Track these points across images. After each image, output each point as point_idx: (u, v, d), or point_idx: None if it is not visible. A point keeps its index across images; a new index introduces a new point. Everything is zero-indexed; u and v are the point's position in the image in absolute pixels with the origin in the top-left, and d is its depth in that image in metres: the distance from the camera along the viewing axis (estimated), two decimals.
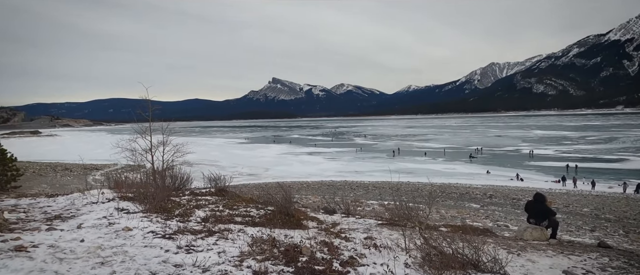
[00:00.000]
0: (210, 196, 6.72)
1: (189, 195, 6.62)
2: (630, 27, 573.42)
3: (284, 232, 4.53)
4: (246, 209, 5.82)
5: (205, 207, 5.76)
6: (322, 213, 6.46)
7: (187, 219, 5.00)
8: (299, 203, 7.63)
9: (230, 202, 6.17)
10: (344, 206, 6.36)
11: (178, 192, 7.03)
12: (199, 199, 6.26)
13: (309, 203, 10.75)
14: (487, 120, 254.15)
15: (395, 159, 63.34)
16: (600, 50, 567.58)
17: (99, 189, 6.57)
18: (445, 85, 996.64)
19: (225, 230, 4.56)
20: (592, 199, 26.41)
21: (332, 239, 4.44)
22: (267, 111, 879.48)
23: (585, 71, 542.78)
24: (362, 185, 27.59)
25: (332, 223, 5.61)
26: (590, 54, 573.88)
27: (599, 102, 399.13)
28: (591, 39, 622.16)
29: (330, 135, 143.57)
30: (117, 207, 5.37)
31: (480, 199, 21.33)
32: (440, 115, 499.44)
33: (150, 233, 4.42)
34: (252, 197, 6.49)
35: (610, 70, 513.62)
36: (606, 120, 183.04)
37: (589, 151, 64.07)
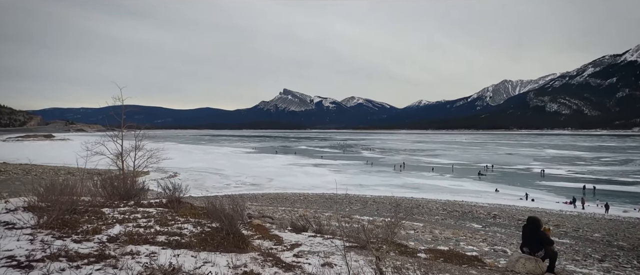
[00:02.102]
0: (154, 208, 6.05)
1: (129, 206, 5.96)
2: None
3: (211, 258, 3.84)
4: (181, 225, 5.10)
5: (132, 222, 5.07)
6: (289, 231, 5.80)
7: (89, 237, 4.15)
8: (273, 218, 7.03)
9: (169, 216, 5.50)
10: (316, 223, 5.70)
11: (121, 201, 6.40)
12: (135, 211, 5.59)
13: (284, 218, 10.12)
14: (499, 138, 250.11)
15: (401, 173, 62.19)
16: (616, 70, 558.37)
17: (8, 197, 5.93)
18: (457, 101, 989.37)
19: (127, 255, 3.79)
20: (605, 223, 25.03)
21: (267, 268, 3.73)
22: (277, 122, 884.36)
23: (600, 91, 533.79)
24: (361, 200, 26.74)
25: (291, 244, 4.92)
26: (606, 74, 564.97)
27: (615, 123, 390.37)
28: (607, 59, 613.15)
29: (338, 147, 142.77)
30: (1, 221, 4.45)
31: (484, 219, 20.29)
32: (450, 131, 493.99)
33: (5, 259, 3.39)
34: (203, 211, 5.78)
35: (626, 91, 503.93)
36: (622, 142, 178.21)
37: (603, 173, 61.90)
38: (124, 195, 6.68)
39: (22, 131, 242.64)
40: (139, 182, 9.30)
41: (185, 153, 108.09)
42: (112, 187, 6.84)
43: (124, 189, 6.78)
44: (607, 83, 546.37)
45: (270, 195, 31.51)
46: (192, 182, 49.24)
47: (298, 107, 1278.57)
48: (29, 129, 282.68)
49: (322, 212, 15.82)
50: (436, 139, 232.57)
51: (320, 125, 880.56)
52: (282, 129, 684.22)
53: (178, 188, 7.19)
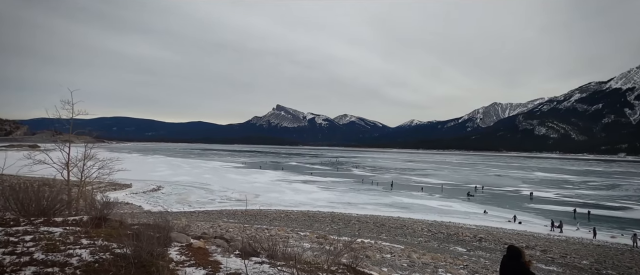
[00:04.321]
0: (63, 227, 5.20)
1: (30, 225, 5.10)
2: (631, 76, 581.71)
3: None
4: (75, 252, 4.21)
5: (10, 246, 4.24)
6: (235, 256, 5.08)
7: None
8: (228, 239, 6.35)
9: (72, 238, 4.68)
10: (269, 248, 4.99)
11: (27, 218, 5.53)
12: (32, 231, 4.72)
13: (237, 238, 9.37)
14: (488, 159, 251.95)
15: (391, 192, 61.51)
16: (601, 97, 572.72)
17: None
18: (448, 122, 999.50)
19: None
20: (593, 249, 24.54)
21: None
22: (270, 137, 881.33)
23: (586, 116, 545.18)
24: (345, 219, 25.91)
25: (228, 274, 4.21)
26: (592, 100, 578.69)
27: (601, 148, 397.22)
28: (593, 85, 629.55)
29: (329, 164, 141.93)
30: None
31: (469, 242, 19.63)
32: (441, 151, 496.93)
33: None
34: (130, 232, 4.96)
35: (611, 117, 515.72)
36: (608, 167, 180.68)
37: (590, 197, 62.01)
38: (34, 211, 5.76)
39: (7, 141, 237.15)
40: (107, 197, 8.42)
41: (173, 166, 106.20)
42: (16, 200, 5.83)
43: (35, 203, 5.82)
44: (593, 109, 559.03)
45: (252, 212, 30.50)
46: (175, 197, 47.96)
47: (291, 123, 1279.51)
48: (14, 138, 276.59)
49: (298, 231, 15.05)
50: (427, 159, 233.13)
51: (313, 142, 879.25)
52: (274, 145, 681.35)
53: (109, 203, 6.35)
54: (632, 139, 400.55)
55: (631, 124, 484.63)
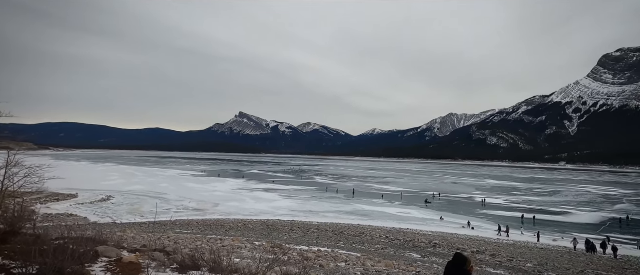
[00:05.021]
0: None
1: None
2: (569, 91, 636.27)
3: None
4: None
5: None
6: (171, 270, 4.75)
7: None
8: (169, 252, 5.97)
9: None
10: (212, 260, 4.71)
11: None
12: None
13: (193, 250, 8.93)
14: (445, 167, 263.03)
15: (352, 200, 62.14)
16: (545, 110, 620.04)
17: None
18: (408, 131, 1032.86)
19: None
20: (537, 252, 26.15)
21: None
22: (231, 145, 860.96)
23: (532, 128, 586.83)
24: (305, 227, 25.73)
25: None
26: (537, 113, 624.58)
27: (545, 157, 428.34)
28: (537, 99, 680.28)
29: (292, 172, 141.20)
30: None
31: (424, 248, 20.19)
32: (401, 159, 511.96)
33: None
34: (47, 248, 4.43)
35: (553, 128, 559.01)
36: (551, 174, 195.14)
37: (536, 203, 66.42)
38: None
39: None
40: (27, 208, 7.62)
41: (126, 175, 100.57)
42: None
43: None
44: (537, 120, 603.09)
45: (209, 222, 29.39)
46: (127, 207, 45.24)
47: (254, 131, 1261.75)
48: None
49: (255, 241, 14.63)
50: (388, 167, 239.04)
51: (276, 150, 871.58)
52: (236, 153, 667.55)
53: (23, 216, 5.74)
54: (570, 149, 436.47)
55: (570, 135, 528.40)
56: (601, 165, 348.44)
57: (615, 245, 28.83)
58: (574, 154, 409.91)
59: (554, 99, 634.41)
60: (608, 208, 61.35)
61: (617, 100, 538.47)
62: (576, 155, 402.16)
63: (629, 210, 58.26)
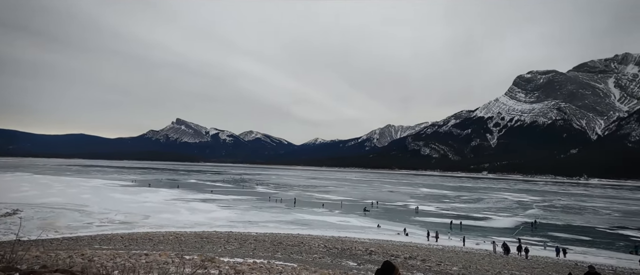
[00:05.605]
0: None
1: None
2: (490, 107, 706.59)
3: None
4: None
5: None
6: None
7: None
8: (74, 272, 5.33)
9: None
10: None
11: None
12: None
13: (92, 271, 8.16)
14: (383, 176, 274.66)
15: (293, 209, 61.86)
16: (470, 123, 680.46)
17: None
18: (349, 141, 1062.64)
19: None
20: (462, 255, 28.23)
21: None
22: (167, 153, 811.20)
23: (460, 140, 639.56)
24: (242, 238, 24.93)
25: None
26: (464, 126, 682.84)
27: (470, 167, 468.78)
28: (464, 113, 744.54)
29: (232, 182, 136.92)
30: None
31: (360, 256, 20.72)
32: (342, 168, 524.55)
33: None
34: None
35: (477, 140, 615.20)
36: (475, 183, 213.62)
37: (462, 209, 71.98)
38: None
39: None
40: None
41: (40, 185, 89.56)
42: None
43: None
44: (464, 133, 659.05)
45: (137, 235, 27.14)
46: (38, 221, 40.17)
47: (192, 139, 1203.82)
48: None
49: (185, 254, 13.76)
50: (329, 176, 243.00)
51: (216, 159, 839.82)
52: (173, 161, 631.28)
53: None
54: (491, 160, 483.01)
55: (491, 147, 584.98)
56: (516, 175, 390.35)
57: (527, 247, 32.20)
58: (494, 164, 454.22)
59: (478, 114, 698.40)
60: (521, 213, 68.57)
61: (529, 117, 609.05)
62: (496, 165, 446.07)
63: (537, 215, 65.71)
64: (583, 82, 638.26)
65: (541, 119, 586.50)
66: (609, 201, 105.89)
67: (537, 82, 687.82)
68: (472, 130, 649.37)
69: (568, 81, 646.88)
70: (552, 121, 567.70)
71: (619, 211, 77.98)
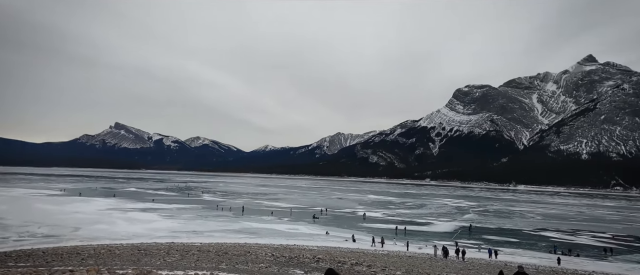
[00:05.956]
0: None
1: None
2: (432, 118, 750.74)
3: None
4: None
5: None
6: None
7: None
8: None
9: None
10: None
11: None
12: None
13: None
14: (333, 184, 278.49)
15: (241, 218, 60.31)
16: (414, 133, 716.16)
17: None
18: (300, 148, 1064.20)
19: None
20: (406, 260, 29.43)
21: None
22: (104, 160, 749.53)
23: (405, 148, 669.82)
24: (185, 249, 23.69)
25: None
26: (409, 135, 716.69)
27: (415, 174, 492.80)
28: (409, 123, 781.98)
29: (176, 190, 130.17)
30: None
31: (308, 263, 20.74)
32: (292, 176, 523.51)
33: None
34: None
35: (421, 149, 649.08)
36: (419, 190, 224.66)
37: (407, 215, 75.18)
38: None
39: None
40: None
41: None
42: None
43: None
44: (409, 142, 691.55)
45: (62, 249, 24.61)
46: None
47: (133, 144, 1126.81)
48: None
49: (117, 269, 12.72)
50: (279, 183, 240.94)
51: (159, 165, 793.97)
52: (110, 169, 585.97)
53: None
54: (433, 168, 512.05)
55: (433, 155, 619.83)
56: (455, 181, 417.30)
57: (464, 250, 34.40)
58: (436, 172, 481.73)
59: (422, 124, 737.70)
60: (459, 218, 73.27)
61: (466, 127, 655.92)
62: (438, 173, 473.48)
63: (473, 219, 70.65)
64: (512, 97, 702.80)
65: (477, 129, 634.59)
66: (533, 206, 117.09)
67: (473, 96, 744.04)
68: (416, 139, 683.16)
69: (500, 95, 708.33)
70: (486, 132, 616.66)
71: (541, 214, 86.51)
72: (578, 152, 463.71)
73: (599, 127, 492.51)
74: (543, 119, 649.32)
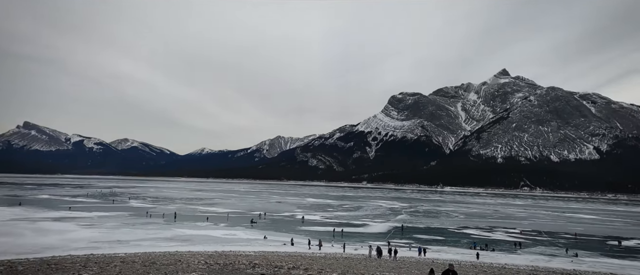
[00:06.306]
0: None
1: None
2: (369, 122, 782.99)
3: None
4: None
5: None
6: None
7: None
8: None
9: None
10: None
11: None
12: None
13: None
14: (272, 187, 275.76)
15: (173, 224, 56.83)
16: (353, 137, 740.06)
17: None
18: (238, 152, 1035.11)
19: None
20: (342, 261, 30.09)
21: None
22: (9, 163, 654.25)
23: (344, 152, 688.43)
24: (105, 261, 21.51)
25: None
26: (347, 139, 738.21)
27: (352, 178, 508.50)
28: (347, 127, 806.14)
29: (99, 196, 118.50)
30: None
31: (243, 270, 20.16)
32: (231, 180, 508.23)
33: None
34: None
35: (359, 153, 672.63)
36: (356, 192, 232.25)
37: (344, 217, 77.13)
38: None
39: None
40: None
41: None
42: None
43: None
44: (347, 146, 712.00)
45: None
46: None
47: (47, 147, 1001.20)
48: None
49: None
50: (216, 188, 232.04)
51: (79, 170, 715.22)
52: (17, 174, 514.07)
53: None
54: (370, 171, 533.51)
55: (370, 159, 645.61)
56: (390, 184, 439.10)
57: (396, 249, 36.19)
58: (372, 175, 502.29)
59: (360, 128, 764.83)
60: (393, 219, 77.10)
61: (400, 132, 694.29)
62: (374, 176, 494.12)
63: (405, 220, 74.84)
64: (440, 105, 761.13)
65: (409, 134, 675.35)
66: (457, 206, 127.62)
67: (406, 102, 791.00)
68: (354, 143, 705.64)
69: (429, 103, 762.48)
70: (417, 137, 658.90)
71: (464, 214, 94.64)
72: (494, 156, 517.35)
73: (511, 134, 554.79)
74: (466, 125, 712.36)
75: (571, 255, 41.46)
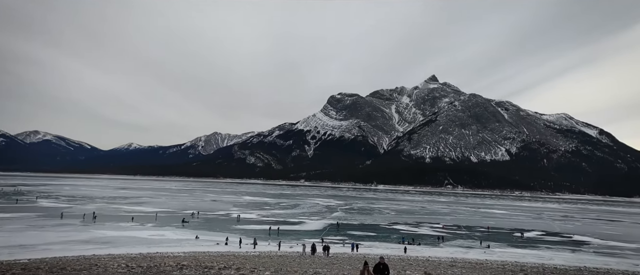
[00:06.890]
0: None
1: None
2: (309, 121, 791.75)
3: None
4: None
5: None
6: None
7: None
8: None
9: None
10: None
11: None
12: None
13: None
14: (207, 185, 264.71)
15: (92, 226, 51.65)
16: (292, 135, 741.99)
17: None
18: (171, 148, 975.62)
19: None
20: (277, 259, 29.96)
21: None
22: None
23: (282, 150, 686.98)
24: (3, 269, 18.75)
25: None
26: (286, 137, 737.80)
27: (290, 176, 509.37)
28: (287, 125, 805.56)
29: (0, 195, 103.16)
30: None
31: (169, 272, 19.01)
32: (161, 177, 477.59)
33: None
34: None
35: (298, 151, 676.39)
36: (294, 190, 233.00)
37: (281, 215, 76.86)
38: None
39: None
40: None
41: None
42: None
43: None
44: (286, 144, 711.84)
45: None
46: None
47: None
48: None
49: None
50: (144, 186, 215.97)
51: None
52: None
53: None
54: (308, 169, 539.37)
55: (308, 157, 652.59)
56: (327, 182, 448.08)
57: (328, 246, 37.00)
58: (310, 173, 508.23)
59: (299, 127, 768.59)
60: (328, 216, 78.76)
61: (338, 132, 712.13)
62: (312, 174, 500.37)
63: (340, 217, 76.94)
64: (376, 106, 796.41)
65: (347, 134, 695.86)
66: (389, 203, 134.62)
67: (345, 103, 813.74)
68: (293, 141, 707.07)
69: (366, 104, 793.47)
70: (354, 137, 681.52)
71: (395, 210, 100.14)
72: (423, 156, 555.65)
73: (438, 136, 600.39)
74: (399, 127, 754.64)
75: (484, 247, 46.18)
